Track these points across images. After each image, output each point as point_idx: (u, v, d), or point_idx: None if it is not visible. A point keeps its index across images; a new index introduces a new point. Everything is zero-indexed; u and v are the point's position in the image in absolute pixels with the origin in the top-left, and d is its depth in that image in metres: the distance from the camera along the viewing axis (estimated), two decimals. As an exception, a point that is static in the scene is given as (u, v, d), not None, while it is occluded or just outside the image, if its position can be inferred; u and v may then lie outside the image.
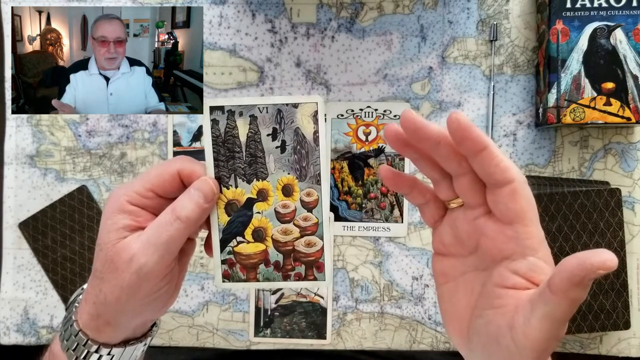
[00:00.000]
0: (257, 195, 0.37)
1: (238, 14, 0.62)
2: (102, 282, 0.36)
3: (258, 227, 0.37)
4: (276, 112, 0.36)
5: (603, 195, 0.56)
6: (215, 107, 0.37)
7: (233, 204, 0.37)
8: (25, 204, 0.63)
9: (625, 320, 0.56)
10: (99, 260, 0.36)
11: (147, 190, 0.36)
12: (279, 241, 0.37)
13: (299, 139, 0.36)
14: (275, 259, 0.37)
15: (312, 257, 0.37)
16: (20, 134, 0.63)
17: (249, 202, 0.37)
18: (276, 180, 0.37)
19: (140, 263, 0.34)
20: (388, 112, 0.61)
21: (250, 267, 0.38)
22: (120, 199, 0.36)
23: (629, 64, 0.54)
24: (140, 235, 0.35)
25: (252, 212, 0.37)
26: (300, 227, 0.37)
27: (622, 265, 0.56)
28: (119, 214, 0.36)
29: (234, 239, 0.37)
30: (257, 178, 0.37)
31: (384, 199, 0.61)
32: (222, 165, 0.37)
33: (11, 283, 0.63)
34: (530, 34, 0.60)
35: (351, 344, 0.62)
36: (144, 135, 0.63)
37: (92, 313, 0.36)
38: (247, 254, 0.38)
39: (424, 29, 0.61)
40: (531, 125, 0.61)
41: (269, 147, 0.36)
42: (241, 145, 0.37)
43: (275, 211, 0.37)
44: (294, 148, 0.36)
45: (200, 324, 0.63)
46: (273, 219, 0.37)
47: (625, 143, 0.60)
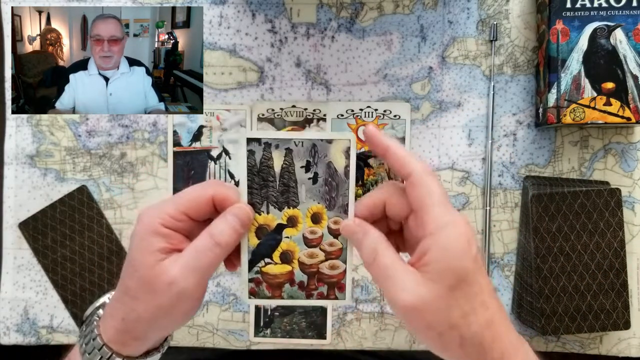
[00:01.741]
0: (287, 222, 0.39)
1: (238, 14, 0.62)
2: (136, 301, 0.37)
3: (286, 250, 0.40)
4: (311, 147, 0.38)
5: (603, 195, 0.56)
6: (253, 139, 0.38)
7: (264, 228, 0.39)
8: (25, 204, 0.63)
9: (625, 320, 0.56)
10: (133, 280, 0.37)
11: (181, 214, 0.37)
12: (304, 263, 0.40)
13: (330, 171, 0.39)
14: (300, 279, 0.40)
15: (335, 279, 0.40)
16: (20, 134, 0.63)
17: (279, 227, 0.40)
18: (306, 208, 0.39)
19: (181, 287, 0.36)
20: (388, 112, 0.61)
21: (276, 285, 0.40)
22: (154, 221, 0.37)
23: (629, 64, 0.54)
24: (178, 259, 0.36)
25: (281, 237, 0.40)
26: (325, 252, 0.40)
27: (622, 265, 0.56)
28: (153, 236, 0.37)
29: (262, 260, 0.40)
30: (289, 206, 0.39)
31: (384, 199, 0.61)
32: (255, 192, 0.39)
33: (11, 283, 0.63)
34: (530, 34, 0.60)
35: (351, 344, 0.62)
36: (144, 135, 0.63)
37: (120, 329, 0.37)
38: (274, 274, 0.40)
39: (424, 29, 0.61)
40: (531, 125, 0.61)
41: (302, 178, 0.39)
42: (275, 176, 0.39)
43: (304, 236, 0.40)
44: (325, 180, 0.39)
45: (200, 324, 0.63)
46: (300, 243, 0.40)
47: (625, 143, 0.60)
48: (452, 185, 0.61)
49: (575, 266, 0.56)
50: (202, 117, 0.62)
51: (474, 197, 0.61)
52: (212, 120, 0.62)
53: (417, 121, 0.61)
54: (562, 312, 0.56)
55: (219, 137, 0.62)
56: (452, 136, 0.61)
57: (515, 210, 0.61)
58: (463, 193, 0.61)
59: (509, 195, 0.61)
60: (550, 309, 0.56)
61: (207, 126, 0.62)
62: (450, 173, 0.61)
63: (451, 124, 0.61)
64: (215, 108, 0.62)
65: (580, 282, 0.56)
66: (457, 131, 0.61)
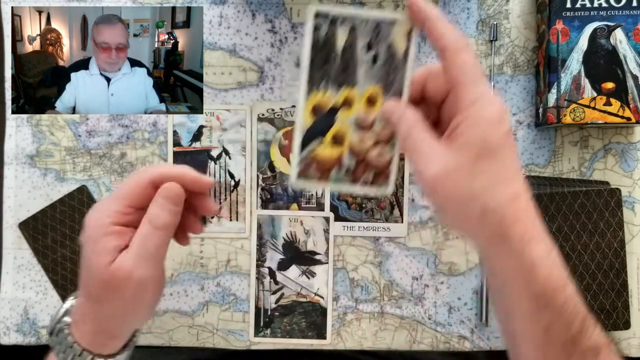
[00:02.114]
0: (343, 102, 0.39)
1: (238, 14, 0.62)
2: (102, 303, 0.38)
3: (338, 132, 0.40)
4: (374, 27, 0.38)
5: (603, 195, 0.56)
6: (320, 13, 0.38)
7: (319, 107, 0.39)
8: (25, 204, 0.63)
9: (625, 320, 0.56)
10: (93, 284, 0.38)
11: (126, 207, 0.38)
12: (354, 148, 0.40)
13: (390, 53, 0.39)
14: (348, 164, 0.40)
15: (382, 166, 0.40)
16: (21, 134, 0.63)
17: (334, 108, 0.40)
18: (363, 89, 0.39)
19: (138, 277, 0.37)
20: (388, 112, 0.61)
21: (325, 168, 0.40)
22: (104, 221, 0.38)
23: (628, 64, 0.54)
24: (128, 251, 0.37)
25: (335, 118, 0.40)
26: (376, 137, 0.40)
27: (622, 265, 0.56)
28: (105, 236, 0.37)
29: (315, 140, 0.40)
30: (347, 84, 0.39)
31: (383, 199, 0.61)
32: (316, 68, 0.39)
33: (11, 283, 0.63)
34: (530, 34, 0.60)
35: (351, 344, 0.62)
36: (144, 136, 0.63)
37: (96, 330, 0.38)
38: (325, 156, 0.40)
39: (424, 29, 0.61)
40: (531, 125, 0.61)
41: (362, 57, 0.39)
42: (337, 52, 0.39)
43: (357, 119, 0.40)
44: (385, 61, 0.39)
45: (200, 324, 0.63)
46: (353, 126, 0.40)
47: (625, 143, 0.60)
48: (452, 185, 0.61)
49: (575, 266, 0.56)
50: (202, 117, 0.62)
51: (474, 197, 0.61)
52: (212, 120, 0.62)
53: (417, 121, 0.61)
54: (562, 312, 0.56)
55: (219, 137, 0.62)
56: (452, 136, 0.61)
57: (515, 210, 0.61)
58: (463, 193, 0.61)
59: (509, 195, 0.61)
60: (550, 309, 0.56)
61: (207, 126, 0.62)
62: (450, 173, 0.61)
63: (451, 124, 0.61)
64: (215, 108, 0.62)
65: (580, 282, 0.56)
66: (457, 131, 0.61)
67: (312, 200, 0.62)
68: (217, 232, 0.62)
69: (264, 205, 0.62)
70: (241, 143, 0.62)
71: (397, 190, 0.61)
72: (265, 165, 0.62)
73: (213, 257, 0.63)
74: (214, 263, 0.63)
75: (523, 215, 0.34)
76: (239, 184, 0.62)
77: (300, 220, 0.62)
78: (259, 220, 0.62)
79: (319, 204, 0.62)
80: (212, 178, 0.62)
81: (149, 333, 0.63)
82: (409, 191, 0.61)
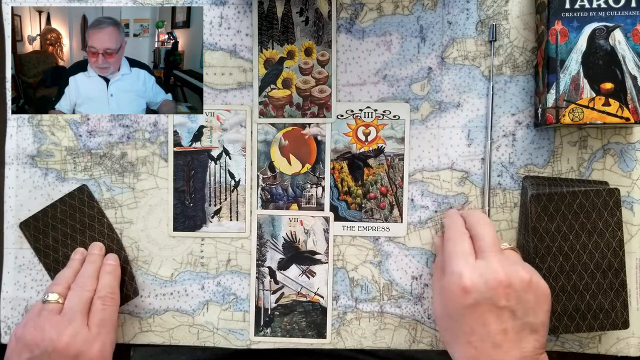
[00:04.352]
0: (287, 55, 0.56)
1: (238, 15, 0.62)
2: None
3: (286, 78, 0.57)
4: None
5: (602, 195, 0.56)
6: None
7: (270, 60, 0.56)
8: (26, 204, 0.63)
9: (624, 319, 0.56)
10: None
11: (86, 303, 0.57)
12: (300, 88, 0.57)
13: (317, 15, 0.57)
14: (297, 101, 0.57)
15: (323, 100, 0.58)
16: (21, 134, 0.63)
17: (280, 59, 0.57)
18: (301, 44, 0.57)
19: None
20: (387, 112, 0.61)
21: (279, 106, 0.58)
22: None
23: (627, 64, 0.54)
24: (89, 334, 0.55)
25: (282, 67, 0.57)
26: (315, 79, 0.57)
27: (621, 265, 0.56)
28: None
29: (268, 86, 0.57)
30: (288, 42, 0.56)
31: (383, 199, 0.62)
32: (264, 33, 0.57)
33: (12, 283, 0.63)
34: (529, 35, 0.60)
35: (351, 343, 0.62)
36: (145, 135, 0.63)
37: None
38: (277, 97, 0.58)
39: (424, 30, 0.61)
40: (530, 126, 0.61)
41: (297, 20, 0.56)
42: (278, 20, 0.56)
43: (299, 67, 0.57)
44: (314, 22, 0.56)
45: (200, 323, 0.63)
46: (297, 72, 0.57)
47: (624, 143, 0.60)
48: (452, 186, 0.61)
49: (574, 266, 0.56)
50: (203, 117, 0.62)
51: (473, 197, 0.61)
52: (212, 120, 0.62)
53: (416, 121, 0.61)
54: (561, 311, 0.56)
55: (219, 137, 0.62)
56: (451, 136, 0.61)
57: (514, 210, 0.61)
58: (462, 193, 0.61)
59: (508, 196, 0.61)
60: (549, 308, 0.56)
61: (208, 126, 0.62)
62: (450, 173, 0.61)
63: (450, 124, 0.61)
64: (216, 108, 0.62)
65: (579, 282, 0.56)
66: (457, 131, 0.61)
67: (312, 201, 0.62)
68: (218, 231, 0.63)
69: (264, 205, 0.62)
70: (241, 143, 0.62)
71: (397, 190, 0.62)
72: (266, 165, 0.62)
73: (213, 256, 0.63)
74: (214, 262, 0.63)
75: None
76: (239, 184, 0.62)
77: (300, 220, 0.62)
78: (259, 220, 0.62)
79: (319, 204, 0.62)
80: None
81: (150, 332, 0.63)
82: (409, 191, 0.62)
